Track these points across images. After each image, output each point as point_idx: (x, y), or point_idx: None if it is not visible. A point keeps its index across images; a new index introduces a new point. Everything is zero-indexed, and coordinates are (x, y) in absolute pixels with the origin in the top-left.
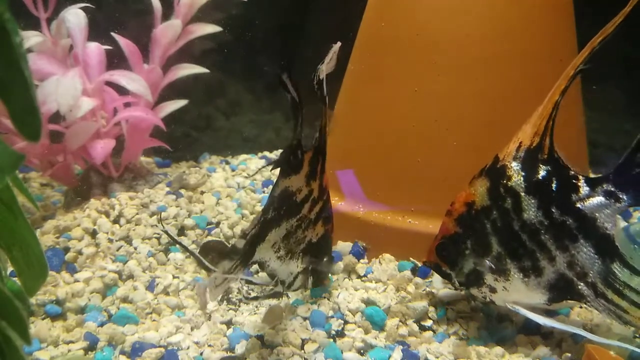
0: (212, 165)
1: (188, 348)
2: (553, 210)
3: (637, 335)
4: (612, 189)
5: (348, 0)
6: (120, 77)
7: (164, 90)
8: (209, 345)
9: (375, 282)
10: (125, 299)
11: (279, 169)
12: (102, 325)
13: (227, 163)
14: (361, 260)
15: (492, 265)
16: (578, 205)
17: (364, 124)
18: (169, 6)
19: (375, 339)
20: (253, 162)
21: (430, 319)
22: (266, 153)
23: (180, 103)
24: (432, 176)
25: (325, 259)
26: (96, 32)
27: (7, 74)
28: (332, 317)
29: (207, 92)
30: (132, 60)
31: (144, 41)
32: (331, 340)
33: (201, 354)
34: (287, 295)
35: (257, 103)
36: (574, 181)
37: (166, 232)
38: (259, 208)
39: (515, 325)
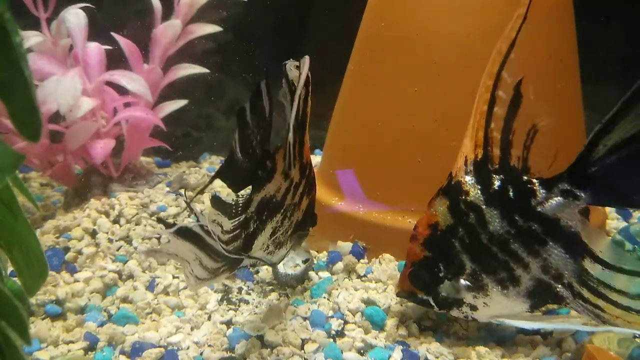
0: (212, 165)
1: (188, 348)
2: (516, 217)
3: (637, 336)
4: (569, 188)
5: (348, 0)
6: (120, 77)
7: (164, 90)
8: (209, 345)
9: (375, 282)
10: (125, 299)
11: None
12: (102, 325)
13: None
14: (361, 260)
15: (469, 283)
16: (539, 209)
17: (363, 124)
18: (169, 6)
19: (375, 339)
20: None
21: (430, 319)
22: None
23: (180, 103)
24: (432, 176)
25: (308, 222)
26: (96, 32)
27: (7, 74)
28: (332, 317)
29: (207, 92)
30: (132, 60)
31: (144, 41)
32: (331, 340)
33: (201, 354)
34: (287, 295)
35: None
36: (529, 186)
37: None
38: None
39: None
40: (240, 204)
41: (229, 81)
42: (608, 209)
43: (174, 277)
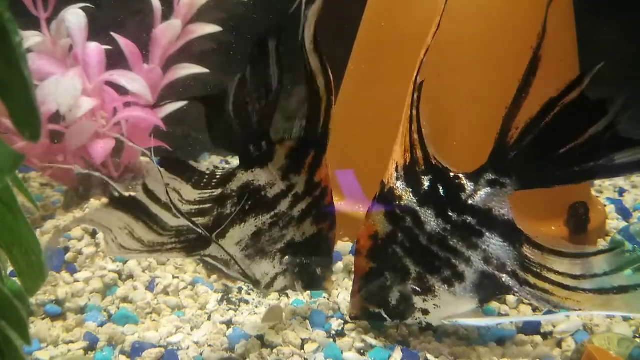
0: (212, 165)
1: (188, 348)
2: (450, 214)
3: (637, 335)
4: (494, 177)
5: (348, 0)
6: (120, 77)
7: (164, 90)
8: (209, 345)
9: None
10: (125, 299)
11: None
12: (102, 325)
13: (227, 163)
14: None
15: (416, 287)
16: (470, 202)
17: (364, 124)
18: (169, 6)
19: (375, 339)
20: None
21: None
22: None
23: (180, 103)
24: None
25: (317, 261)
26: (96, 32)
27: (7, 74)
28: (332, 317)
29: (207, 92)
30: (132, 60)
31: (144, 41)
32: (331, 340)
33: (201, 354)
34: (287, 295)
35: None
36: (457, 181)
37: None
38: None
39: (515, 325)
40: (218, 176)
41: (229, 81)
42: (608, 209)
43: (174, 277)
